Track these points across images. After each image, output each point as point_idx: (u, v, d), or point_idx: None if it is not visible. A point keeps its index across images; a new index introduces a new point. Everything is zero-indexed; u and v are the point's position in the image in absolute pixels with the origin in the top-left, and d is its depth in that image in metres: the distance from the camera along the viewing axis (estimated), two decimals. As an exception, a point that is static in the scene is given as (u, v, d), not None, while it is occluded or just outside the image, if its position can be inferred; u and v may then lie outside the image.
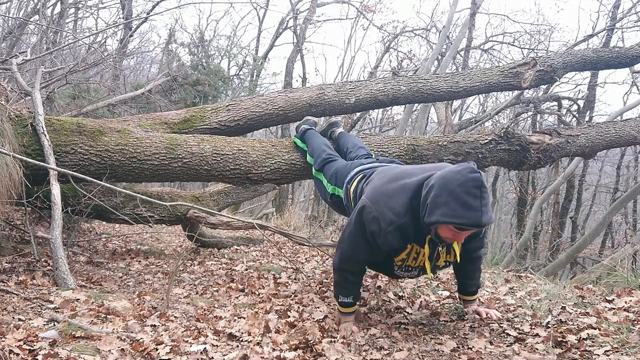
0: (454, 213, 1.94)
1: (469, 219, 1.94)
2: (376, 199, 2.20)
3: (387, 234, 2.14)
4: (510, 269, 5.01)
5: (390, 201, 2.15)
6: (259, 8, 13.28)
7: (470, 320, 2.47)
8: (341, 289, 2.43)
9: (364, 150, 3.27)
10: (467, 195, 1.93)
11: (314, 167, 3.28)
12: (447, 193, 1.95)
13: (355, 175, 2.70)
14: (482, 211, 1.93)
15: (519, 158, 3.91)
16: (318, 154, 3.27)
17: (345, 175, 2.81)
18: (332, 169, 3.04)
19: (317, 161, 3.25)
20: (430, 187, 2.03)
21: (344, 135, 3.56)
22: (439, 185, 1.99)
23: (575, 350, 1.99)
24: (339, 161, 3.13)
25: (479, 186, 1.94)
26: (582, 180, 11.06)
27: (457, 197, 1.94)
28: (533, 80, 4.43)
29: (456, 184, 1.95)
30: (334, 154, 3.25)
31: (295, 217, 8.45)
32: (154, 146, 3.41)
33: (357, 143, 3.38)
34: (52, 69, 5.72)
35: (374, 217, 2.16)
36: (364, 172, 2.66)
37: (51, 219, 3.10)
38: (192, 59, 9.80)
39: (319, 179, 3.21)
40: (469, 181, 1.94)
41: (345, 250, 2.35)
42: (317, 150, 3.32)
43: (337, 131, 3.63)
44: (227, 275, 3.77)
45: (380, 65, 13.22)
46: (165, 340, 2.10)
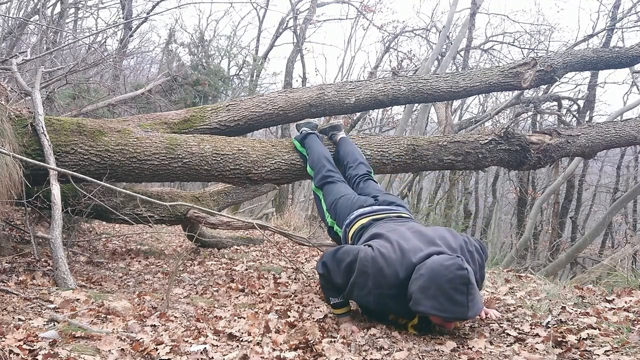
0: (442, 307, 2.08)
1: (455, 313, 2.10)
2: (376, 260, 2.26)
3: (369, 294, 2.27)
4: (510, 269, 5.01)
5: (389, 270, 2.23)
6: (259, 8, 13.30)
7: (470, 320, 2.47)
8: (329, 291, 2.48)
9: (364, 168, 3.35)
10: (454, 291, 2.07)
11: (314, 182, 3.34)
12: (436, 287, 2.08)
13: (354, 220, 2.79)
14: (468, 307, 2.08)
15: (519, 158, 3.91)
16: (318, 169, 3.33)
17: (345, 216, 2.89)
18: (333, 196, 3.11)
19: (317, 177, 3.31)
20: (420, 275, 2.15)
21: (345, 144, 3.57)
22: (428, 278, 2.11)
23: (575, 350, 1.99)
24: (339, 185, 3.19)
25: (465, 283, 2.07)
26: (582, 180, 11.06)
27: (444, 292, 2.07)
28: (533, 80, 4.43)
29: (444, 280, 2.08)
30: (334, 171, 3.30)
31: (295, 217, 8.45)
32: (154, 146, 3.41)
33: (358, 158, 3.43)
34: (52, 69, 5.72)
35: (365, 273, 2.25)
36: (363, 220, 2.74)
37: (51, 219, 3.10)
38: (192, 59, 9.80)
39: (318, 197, 3.29)
40: (457, 278, 2.07)
41: (329, 265, 2.41)
42: (318, 164, 3.36)
43: (339, 136, 3.65)
44: (227, 275, 3.77)
45: (380, 65, 13.23)
46: (165, 340, 2.10)
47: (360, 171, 3.30)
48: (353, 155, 3.44)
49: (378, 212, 2.78)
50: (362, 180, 3.25)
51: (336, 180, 3.22)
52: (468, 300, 2.07)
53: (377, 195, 2.99)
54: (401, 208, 2.87)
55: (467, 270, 2.09)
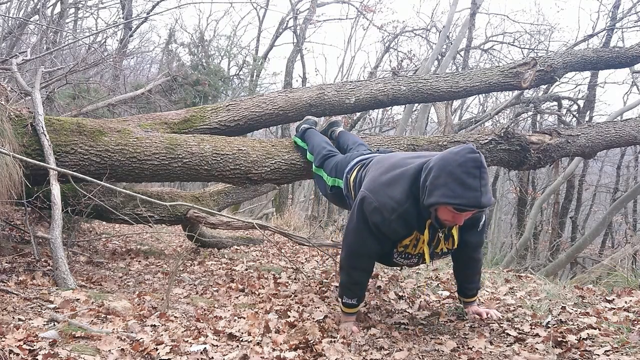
0: (453, 193, 1.92)
1: (468, 199, 1.92)
2: (375, 189, 2.18)
3: (391, 222, 2.13)
4: (510, 269, 5.01)
5: (390, 189, 2.14)
6: (259, 8, 13.30)
7: (470, 320, 2.47)
8: (346, 290, 2.40)
9: (365, 147, 3.26)
10: (466, 175, 1.92)
11: (314, 163, 3.28)
12: (446, 174, 1.94)
13: (355, 165, 2.70)
14: (481, 191, 1.92)
15: (519, 158, 3.91)
16: (318, 151, 3.28)
17: (345, 166, 2.80)
18: (332, 163, 3.05)
19: (317, 158, 3.25)
20: (429, 169, 2.03)
21: (344, 134, 3.56)
22: (438, 167, 1.98)
23: (575, 350, 1.99)
24: (338, 156, 3.13)
25: (478, 166, 1.93)
26: (582, 180, 11.06)
27: (456, 178, 1.92)
28: (533, 80, 4.43)
29: (455, 165, 1.94)
30: (333, 150, 3.25)
31: (295, 217, 8.45)
32: (154, 146, 3.41)
33: (357, 140, 3.39)
34: (52, 69, 5.72)
35: (375, 208, 2.15)
36: (363, 162, 2.64)
37: (51, 219, 3.09)
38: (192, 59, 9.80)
39: (319, 175, 3.21)
40: (468, 161, 1.93)
41: (351, 245, 2.31)
42: (317, 147, 3.32)
43: (338, 130, 3.64)
44: (227, 275, 3.77)
45: (380, 65, 13.24)
46: (165, 340, 2.10)
47: (361, 149, 3.22)
48: (352, 139, 3.40)
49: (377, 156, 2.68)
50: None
51: (336, 154, 3.17)
52: (481, 184, 1.91)
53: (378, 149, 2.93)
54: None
55: (479, 153, 1.96)
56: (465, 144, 2.02)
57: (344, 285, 2.42)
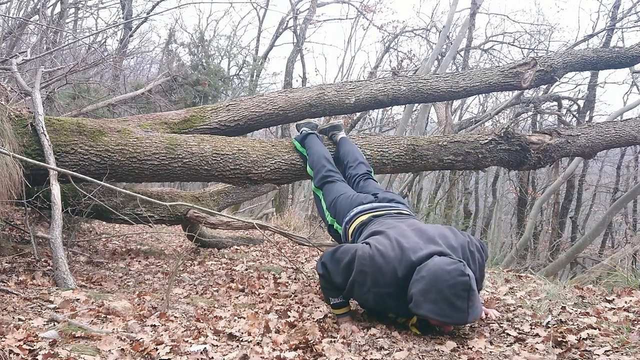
0: (442, 312, 2.07)
1: (455, 319, 2.10)
2: (375, 258, 2.26)
3: (368, 292, 2.27)
4: (510, 269, 5.01)
5: (386, 268, 2.23)
6: (259, 8, 13.30)
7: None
8: (329, 291, 2.48)
9: (364, 168, 3.35)
10: (455, 297, 2.05)
11: (314, 182, 3.34)
12: (436, 292, 2.07)
13: (354, 217, 2.79)
14: (468, 312, 2.07)
15: (519, 158, 3.91)
16: (318, 169, 3.33)
17: (345, 213, 2.88)
18: (332, 195, 3.10)
19: (317, 177, 3.31)
20: (420, 277, 2.13)
21: (345, 143, 3.57)
22: (429, 281, 2.10)
23: (575, 350, 1.99)
24: (338, 184, 3.19)
25: (467, 289, 2.06)
26: (582, 180, 11.06)
27: (445, 298, 2.06)
28: (533, 80, 4.43)
29: (445, 285, 2.06)
30: (334, 171, 3.30)
31: (295, 217, 8.45)
32: (154, 146, 3.41)
33: (358, 157, 3.44)
34: (52, 69, 5.72)
35: (364, 271, 2.25)
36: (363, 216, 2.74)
37: (51, 219, 3.09)
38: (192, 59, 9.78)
39: (318, 197, 3.28)
40: (458, 285, 2.06)
41: (328, 266, 2.41)
42: (318, 164, 3.36)
43: (339, 136, 3.66)
44: (227, 275, 3.77)
45: (380, 65, 13.23)
46: (165, 340, 2.10)
47: (360, 170, 3.30)
48: (353, 155, 3.45)
49: (378, 209, 2.77)
50: (362, 179, 3.26)
51: (336, 180, 3.23)
52: (468, 306, 2.06)
53: (377, 193, 2.98)
54: (401, 205, 2.86)
55: (469, 276, 2.08)
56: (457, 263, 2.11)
57: (324, 288, 2.52)
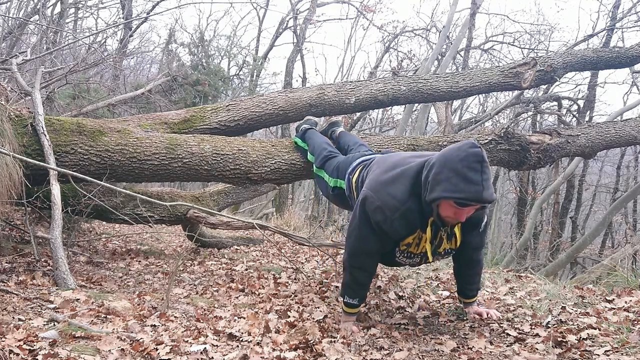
0: (455, 188, 1.93)
1: (469, 193, 1.93)
2: (377, 188, 2.19)
3: (393, 221, 2.13)
4: (510, 269, 5.01)
5: (392, 188, 2.14)
6: (259, 8, 13.30)
7: (470, 320, 2.47)
8: (349, 289, 2.40)
9: (365, 147, 3.26)
10: (468, 169, 1.92)
11: (315, 164, 3.27)
12: (448, 169, 1.95)
13: (357, 166, 2.70)
14: (483, 185, 1.92)
15: (519, 158, 3.91)
16: (319, 152, 3.27)
17: (347, 167, 2.80)
18: (334, 164, 3.04)
19: (318, 158, 3.25)
20: (431, 165, 2.03)
21: (345, 134, 3.56)
22: (440, 163, 1.99)
23: (575, 350, 1.99)
24: (339, 156, 3.13)
25: (479, 161, 1.93)
26: (582, 180, 11.06)
27: (458, 172, 1.93)
28: (533, 80, 4.43)
29: (457, 160, 1.94)
30: (334, 151, 3.24)
31: (295, 217, 8.45)
32: (154, 146, 3.41)
33: (358, 141, 3.38)
34: (52, 69, 5.72)
35: (377, 207, 2.15)
36: (364, 162, 2.64)
37: (51, 219, 3.09)
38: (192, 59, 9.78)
39: (320, 176, 3.20)
40: (470, 156, 1.93)
41: (354, 244, 2.32)
42: (318, 148, 3.32)
43: (338, 130, 3.63)
44: (227, 275, 3.77)
45: (380, 65, 13.24)
46: (165, 340, 2.10)
47: (362, 149, 3.23)
48: (353, 140, 3.39)
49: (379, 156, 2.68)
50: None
51: (337, 155, 3.17)
52: (483, 179, 1.91)
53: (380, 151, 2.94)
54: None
55: (481, 148, 1.96)
56: (466, 139, 2.02)
57: (346, 284, 2.42)
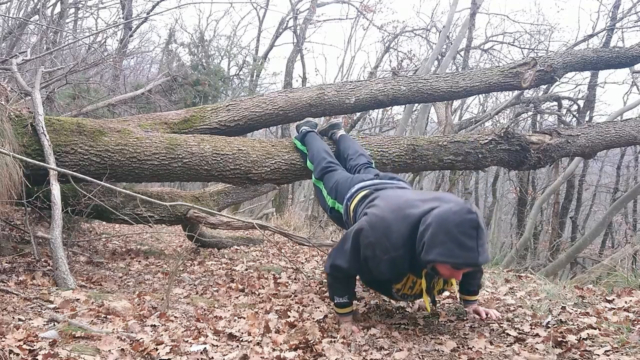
0: (451, 253, 1.98)
1: (465, 259, 1.99)
2: (375, 225, 2.22)
3: (381, 262, 2.19)
4: (510, 269, 5.01)
5: (389, 231, 2.19)
6: (259, 8, 13.29)
7: (470, 320, 2.47)
8: (335, 290, 2.46)
9: (365, 159, 3.30)
10: (463, 236, 1.98)
11: (314, 174, 3.30)
12: (444, 233, 2.00)
13: (355, 193, 2.73)
14: (478, 252, 1.98)
15: (519, 158, 3.91)
16: (318, 162, 3.29)
17: (346, 191, 2.83)
18: (333, 180, 3.06)
19: (317, 169, 3.27)
20: (427, 224, 2.07)
21: (345, 140, 3.56)
22: (436, 225, 2.03)
23: (575, 350, 1.99)
24: (339, 171, 3.15)
25: (475, 227, 1.98)
26: (582, 180, 11.05)
27: (454, 238, 1.98)
28: (533, 80, 4.43)
29: (453, 225, 1.99)
30: (334, 162, 3.26)
31: (295, 217, 8.45)
32: (154, 146, 3.41)
33: (358, 150, 3.40)
34: (52, 69, 5.71)
35: (370, 243, 2.20)
36: (364, 191, 2.67)
37: (51, 219, 3.10)
38: (192, 59, 9.78)
39: (319, 188, 3.24)
40: (466, 222, 1.98)
41: (337, 260, 2.38)
42: (318, 157, 3.33)
43: (338, 133, 3.65)
44: (227, 275, 3.77)
45: (380, 65, 13.23)
46: (165, 340, 2.10)
47: (361, 161, 3.25)
48: (353, 147, 3.41)
49: (379, 185, 2.71)
50: (363, 167, 3.20)
51: (337, 169, 3.18)
52: (478, 245, 1.98)
53: (378, 174, 2.95)
54: (402, 183, 2.81)
55: (477, 214, 2.00)
56: (463, 202, 2.08)
57: (331, 286, 2.50)
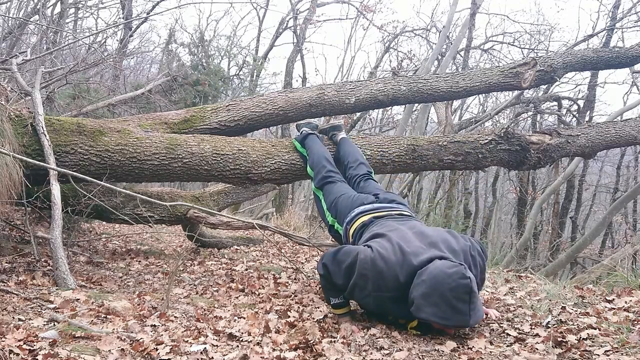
0: (444, 315, 2.07)
1: (457, 321, 2.09)
2: (376, 262, 2.25)
3: (369, 296, 2.27)
4: (510, 269, 5.01)
5: (387, 272, 2.23)
6: (259, 8, 13.28)
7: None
8: (329, 291, 2.48)
9: (365, 168, 3.34)
10: (456, 300, 2.05)
11: (314, 182, 3.34)
12: (438, 295, 2.07)
13: (355, 218, 2.78)
14: (470, 315, 2.07)
15: (519, 158, 3.91)
16: (318, 170, 3.33)
17: (346, 213, 2.88)
18: (333, 195, 3.10)
19: (317, 177, 3.31)
20: (421, 281, 2.12)
21: (346, 144, 3.58)
22: (430, 285, 2.09)
23: (575, 350, 1.99)
24: (339, 185, 3.18)
25: (468, 292, 2.06)
26: (582, 180, 11.06)
27: (447, 301, 2.05)
28: (533, 80, 4.43)
29: (447, 288, 2.06)
30: (334, 171, 3.30)
31: (295, 217, 8.45)
32: (154, 146, 3.41)
33: (359, 158, 3.44)
34: (52, 69, 5.71)
35: (365, 275, 2.25)
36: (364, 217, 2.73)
37: (51, 219, 3.10)
38: (192, 59, 9.78)
39: (318, 197, 3.28)
40: (460, 287, 2.05)
41: (330, 267, 2.40)
42: (318, 164, 3.36)
43: (339, 136, 3.66)
44: (227, 275, 3.77)
45: (380, 65, 13.23)
46: (165, 340, 2.10)
47: (361, 171, 3.31)
48: (353, 155, 3.45)
49: (379, 210, 2.77)
50: (363, 179, 3.26)
51: (336, 180, 3.23)
52: (470, 309, 2.06)
53: (378, 194, 2.98)
54: (402, 206, 2.86)
55: (470, 279, 2.08)
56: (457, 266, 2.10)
57: (324, 288, 2.52)
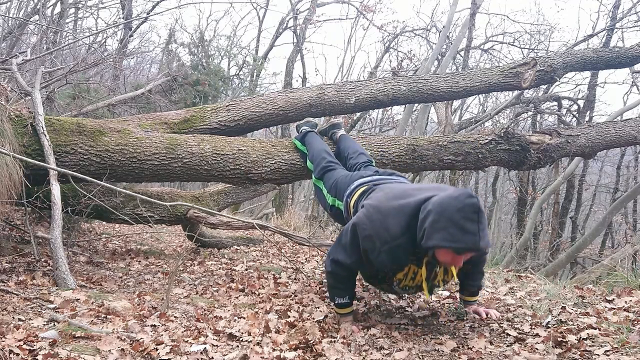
0: (453, 237, 1.98)
1: (467, 243, 1.99)
2: (373, 217, 2.21)
3: (381, 253, 2.17)
4: (510, 269, 5.01)
5: (387, 221, 2.17)
6: (259, 8, 13.29)
7: (470, 320, 2.47)
8: (336, 290, 2.45)
9: (365, 157, 3.29)
10: (465, 220, 1.98)
11: (314, 174, 3.29)
12: (446, 218, 2.00)
13: (355, 189, 2.71)
14: (479, 235, 1.99)
15: (519, 158, 3.91)
16: (318, 162, 3.28)
17: (346, 188, 2.81)
18: (332, 179, 3.05)
19: (317, 169, 3.26)
20: (428, 211, 2.06)
21: (345, 139, 3.56)
22: (437, 211, 2.03)
23: (575, 350, 1.99)
24: (339, 170, 3.14)
25: (476, 211, 1.98)
26: (582, 180, 11.05)
27: (455, 222, 1.98)
28: (533, 80, 4.43)
29: (454, 210, 1.99)
30: (334, 161, 3.25)
31: (295, 217, 8.44)
32: (154, 146, 3.41)
33: (358, 149, 3.40)
34: (52, 69, 5.71)
35: (368, 235, 2.19)
36: (364, 187, 2.65)
37: (51, 219, 3.10)
38: (192, 59, 9.78)
39: (319, 187, 3.22)
40: (467, 206, 1.98)
41: (337, 257, 2.37)
42: (318, 157, 3.33)
43: (339, 133, 3.64)
44: (227, 275, 3.77)
45: (380, 65, 13.23)
46: (165, 340, 2.10)
47: (361, 160, 3.25)
48: (353, 147, 3.41)
49: (379, 180, 2.70)
50: (363, 166, 3.19)
51: (336, 168, 3.17)
52: (479, 229, 1.98)
53: (378, 170, 2.95)
54: (402, 178, 2.81)
55: (477, 198, 2.01)
56: (463, 188, 2.07)
57: (331, 287, 2.49)
